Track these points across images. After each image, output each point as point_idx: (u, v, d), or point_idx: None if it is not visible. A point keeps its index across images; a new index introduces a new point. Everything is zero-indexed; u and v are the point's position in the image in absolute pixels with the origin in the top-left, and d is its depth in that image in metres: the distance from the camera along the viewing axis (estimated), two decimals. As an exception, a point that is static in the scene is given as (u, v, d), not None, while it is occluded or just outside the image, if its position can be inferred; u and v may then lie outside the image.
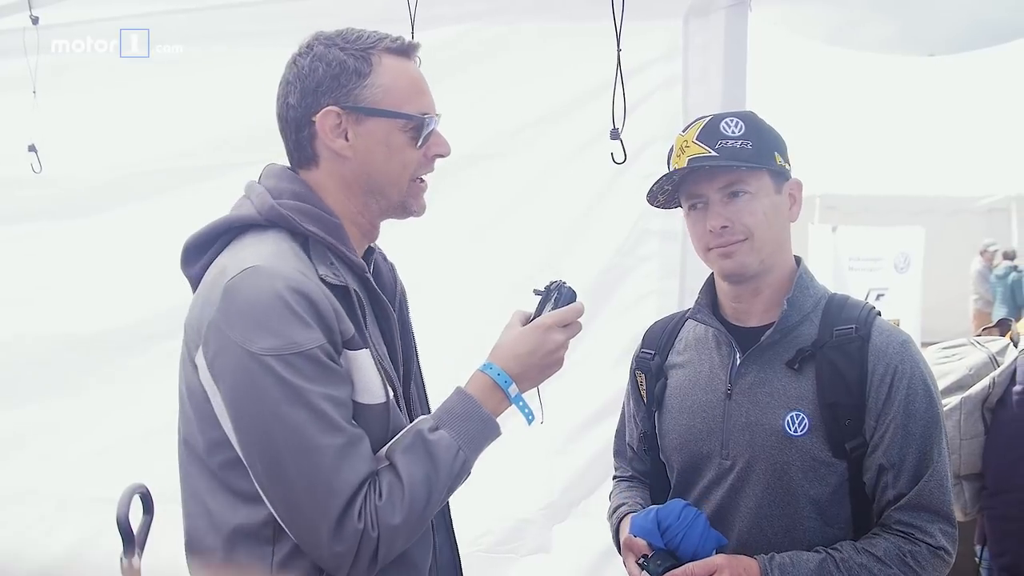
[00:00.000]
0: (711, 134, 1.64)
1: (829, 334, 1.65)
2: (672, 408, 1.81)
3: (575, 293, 1.54)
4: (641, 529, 1.65)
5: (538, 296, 1.55)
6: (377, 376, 1.38)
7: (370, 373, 1.37)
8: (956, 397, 2.37)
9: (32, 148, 3.02)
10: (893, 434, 1.60)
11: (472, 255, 2.83)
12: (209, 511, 1.37)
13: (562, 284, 1.54)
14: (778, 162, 1.66)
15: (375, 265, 1.58)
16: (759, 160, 1.62)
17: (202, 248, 1.45)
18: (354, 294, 1.40)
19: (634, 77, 2.34)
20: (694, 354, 1.81)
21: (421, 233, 2.27)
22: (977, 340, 2.56)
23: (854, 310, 1.68)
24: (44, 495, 3.26)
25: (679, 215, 1.78)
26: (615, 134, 2.26)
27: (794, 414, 1.63)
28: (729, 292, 1.74)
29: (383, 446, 1.36)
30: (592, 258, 2.70)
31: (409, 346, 1.62)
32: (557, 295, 1.53)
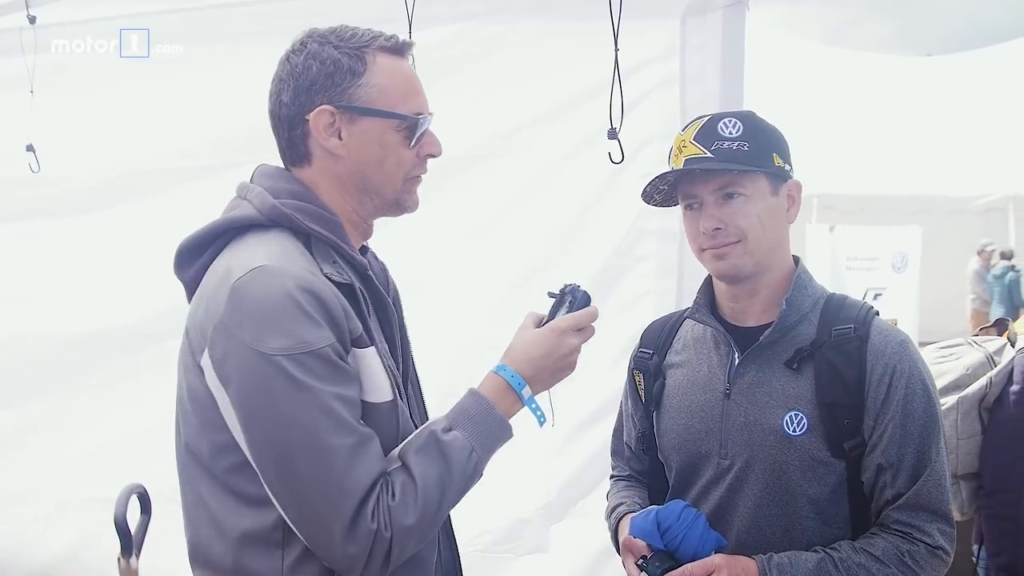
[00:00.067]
0: (708, 135, 1.64)
1: (828, 334, 1.65)
2: (670, 408, 1.80)
3: (589, 297, 1.53)
4: (640, 530, 1.65)
5: (552, 299, 1.54)
6: (384, 374, 1.37)
7: (377, 371, 1.36)
8: (953, 397, 2.37)
9: (30, 148, 3.02)
10: (891, 434, 1.60)
11: (469, 255, 2.82)
12: (215, 517, 1.35)
13: (576, 288, 1.53)
14: (776, 163, 1.65)
15: (370, 264, 1.57)
16: (756, 161, 1.62)
17: (198, 251, 1.43)
18: (359, 292, 1.39)
19: (631, 77, 2.34)
20: (692, 354, 1.81)
21: (419, 233, 2.28)
22: (974, 340, 2.57)
23: (852, 310, 1.68)
24: (43, 495, 3.26)
25: (677, 215, 1.77)
26: (612, 134, 2.27)
27: (793, 414, 1.63)
28: (727, 292, 1.74)
29: (390, 445, 1.35)
30: (589, 258, 2.70)
31: (406, 345, 1.61)
32: (572, 298, 1.52)
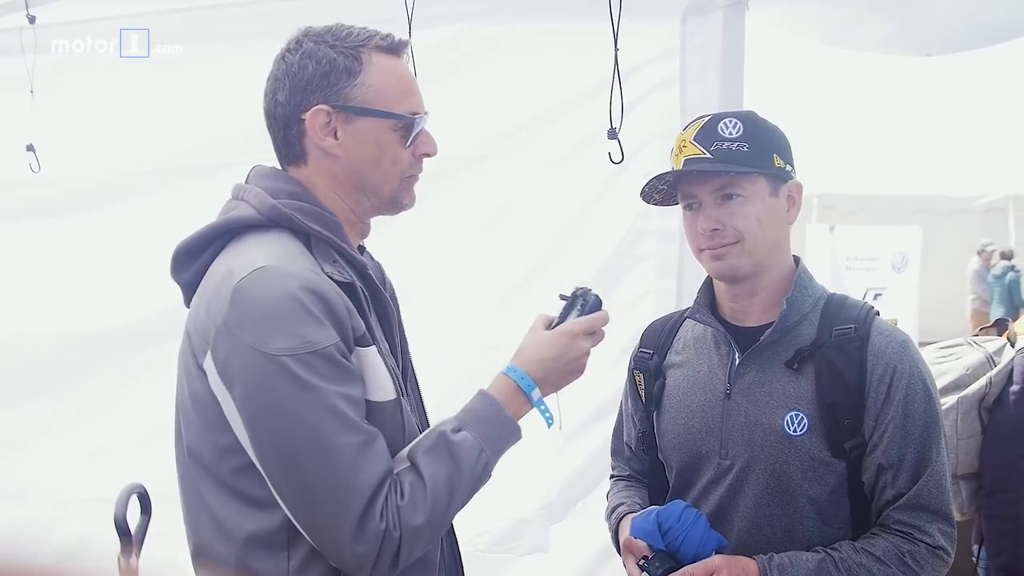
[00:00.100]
0: (708, 135, 1.63)
1: (828, 334, 1.65)
2: (671, 408, 1.80)
3: (601, 301, 1.53)
4: (641, 531, 1.65)
5: (563, 301, 1.54)
6: (387, 372, 1.37)
7: (380, 370, 1.36)
8: (953, 397, 2.37)
9: (30, 148, 3.02)
10: (892, 434, 1.60)
11: (469, 255, 2.82)
12: (219, 521, 1.34)
13: (588, 291, 1.53)
14: (777, 164, 1.64)
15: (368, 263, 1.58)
16: (755, 162, 1.61)
17: (195, 253, 1.43)
18: (360, 291, 1.39)
19: (631, 77, 2.34)
20: (693, 354, 1.81)
21: (419, 233, 2.28)
22: (974, 340, 2.57)
23: (853, 310, 1.68)
24: (42, 495, 3.25)
25: (677, 215, 1.77)
26: (612, 134, 2.26)
27: (793, 414, 1.63)
28: (727, 292, 1.74)
29: (395, 443, 1.35)
30: (589, 258, 2.69)
31: (404, 345, 1.61)
32: (583, 302, 1.52)
